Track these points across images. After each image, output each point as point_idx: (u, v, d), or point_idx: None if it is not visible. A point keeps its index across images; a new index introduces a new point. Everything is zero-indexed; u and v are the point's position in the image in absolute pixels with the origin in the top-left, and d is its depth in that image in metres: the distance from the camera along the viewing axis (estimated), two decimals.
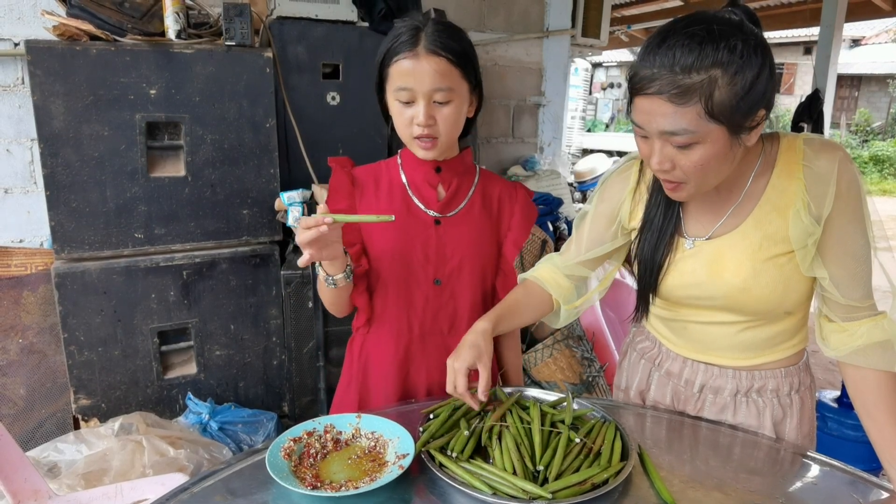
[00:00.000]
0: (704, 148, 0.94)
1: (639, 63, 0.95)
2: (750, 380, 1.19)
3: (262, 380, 2.38)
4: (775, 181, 1.07)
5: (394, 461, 0.99)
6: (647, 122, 0.96)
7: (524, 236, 1.33)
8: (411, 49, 1.12)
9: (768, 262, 1.07)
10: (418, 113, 1.13)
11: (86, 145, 2.00)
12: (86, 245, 2.06)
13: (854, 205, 1.03)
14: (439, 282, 1.28)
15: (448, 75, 1.13)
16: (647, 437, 1.15)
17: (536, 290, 1.30)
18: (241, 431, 2.21)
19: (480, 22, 3.70)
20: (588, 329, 2.89)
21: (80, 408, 2.11)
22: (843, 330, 1.10)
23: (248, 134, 2.19)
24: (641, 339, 1.35)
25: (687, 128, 0.92)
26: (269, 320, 2.33)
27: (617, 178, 1.26)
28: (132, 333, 2.16)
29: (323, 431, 1.07)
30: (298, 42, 2.36)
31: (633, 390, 1.35)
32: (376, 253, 1.28)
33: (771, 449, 1.13)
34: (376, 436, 1.06)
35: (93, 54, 1.95)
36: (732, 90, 0.90)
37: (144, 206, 2.11)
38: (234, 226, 2.23)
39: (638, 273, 1.22)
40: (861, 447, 2.04)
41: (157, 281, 2.16)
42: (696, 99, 0.90)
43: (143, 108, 2.05)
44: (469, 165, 1.33)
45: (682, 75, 0.90)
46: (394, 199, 1.27)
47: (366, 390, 1.33)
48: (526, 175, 3.88)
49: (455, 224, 1.28)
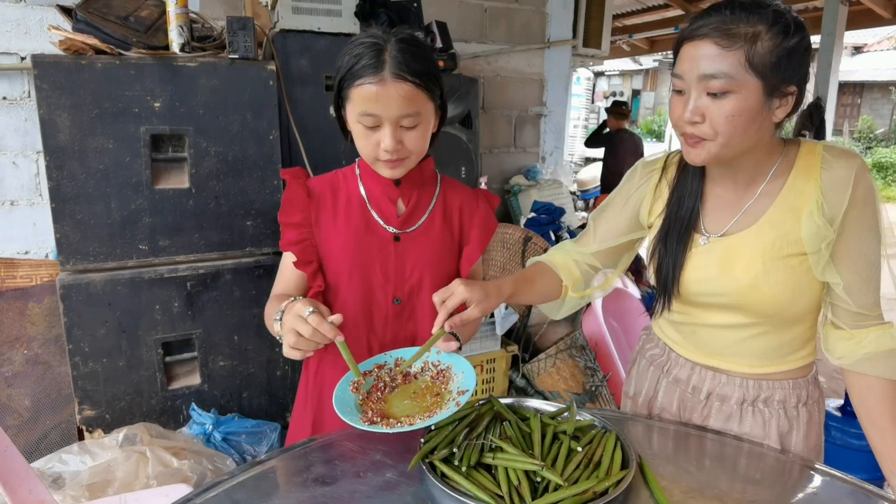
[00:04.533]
0: (738, 99, 1.00)
1: (692, 19, 1.04)
2: (757, 389, 1.19)
3: (265, 390, 2.39)
4: (792, 182, 1.09)
5: (452, 397, 1.01)
6: (688, 70, 1.03)
7: (478, 252, 1.27)
8: (375, 73, 1.06)
9: (780, 261, 1.09)
10: (384, 138, 1.09)
11: (91, 158, 2.01)
12: (90, 257, 2.07)
13: (869, 212, 1.05)
14: (399, 301, 1.23)
15: (415, 100, 1.09)
16: (650, 447, 1.15)
17: (549, 274, 1.32)
18: (245, 442, 2.21)
19: (482, 33, 3.72)
20: (591, 339, 2.89)
21: (85, 419, 2.12)
22: (851, 337, 1.10)
23: (251, 146, 2.20)
24: (651, 346, 1.37)
25: (727, 72, 0.99)
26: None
27: (641, 172, 1.30)
28: (136, 344, 2.17)
29: (394, 365, 1.08)
30: (301, 55, 2.38)
31: (641, 397, 1.36)
32: (334, 271, 1.22)
33: (775, 460, 1.12)
34: (443, 370, 1.08)
35: (98, 68, 1.97)
36: (774, 47, 0.98)
37: (149, 218, 2.12)
38: (237, 237, 2.24)
39: (657, 269, 1.24)
40: (864, 456, 2.02)
41: (161, 292, 2.17)
42: (740, 44, 0.98)
43: (148, 120, 2.06)
44: (429, 176, 1.28)
45: (730, 23, 0.99)
46: (352, 214, 1.23)
47: (320, 412, 1.29)
48: (528, 184, 3.90)
49: (415, 240, 1.24)
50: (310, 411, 1.30)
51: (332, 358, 1.25)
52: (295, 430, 1.34)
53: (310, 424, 1.29)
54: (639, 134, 9.46)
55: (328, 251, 1.22)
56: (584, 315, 3.03)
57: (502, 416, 1.08)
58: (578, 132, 13.54)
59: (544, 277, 1.32)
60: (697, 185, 1.19)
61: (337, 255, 1.22)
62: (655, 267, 1.24)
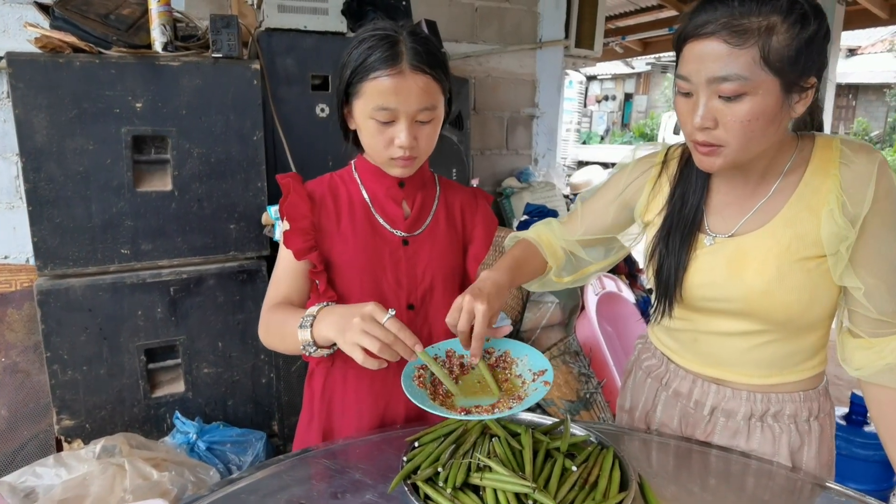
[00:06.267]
0: (754, 101, 0.90)
1: (693, 11, 0.93)
2: (765, 403, 1.11)
3: (250, 398, 2.33)
4: (809, 178, 1.01)
5: (532, 379, 0.98)
6: (695, 71, 0.92)
7: (485, 250, 1.25)
8: (393, 65, 1.02)
9: (796, 264, 1.01)
10: (400, 134, 1.05)
11: (70, 159, 1.95)
12: (70, 261, 2.01)
13: (891, 211, 0.97)
14: (412, 307, 1.19)
15: (432, 93, 1.06)
16: (651, 465, 1.09)
17: (534, 251, 1.25)
18: (230, 451, 2.15)
19: (473, 33, 3.67)
20: (585, 344, 2.84)
21: (63, 429, 2.05)
22: (871, 346, 1.02)
23: (235, 147, 2.15)
24: (647, 356, 1.28)
25: (740, 73, 0.88)
26: (257, 337, 2.24)
27: (637, 165, 1.21)
28: (118, 351, 2.11)
29: (445, 357, 1.04)
30: (287, 54, 2.33)
31: (638, 411, 1.27)
32: (344, 282, 1.16)
33: (785, 478, 1.05)
34: (500, 356, 1.04)
35: (77, 67, 1.91)
36: (790, 39, 0.88)
37: (131, 222, 2.06)
38: (221, 241, 2.18)
39: (657, 271, 1.15)
40: (871, 466, 1.97)
41: (143, 297, 2.11)
42: (753, 41, 0.87)
43: (129, 121, 2.01)
44: (428, 177, 1.25)
45: (740, 17, 0.88)
46: (356, 219, 1.17)
47: (329, 427, 1.24)
48: (521, 187, 3.85)
49: (423, 243, 1.19)
50: (317, 427, 1.24)
51: (342, 372, 1.21)
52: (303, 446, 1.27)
53: (319, 439, 1.24)
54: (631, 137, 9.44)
55: (335, 260, 1.16)
56: (577, 319, 2.98)
57: (491, 432, 1.02)
58: (571, 136, 13.53)
59: (534, 260, 1.25)
60: (703, 181, 1.11)
61: (346, 264, 1.16)
62: (655, 269, 1.16)
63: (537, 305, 2.84)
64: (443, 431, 1.02)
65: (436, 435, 1.01)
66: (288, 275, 1.17)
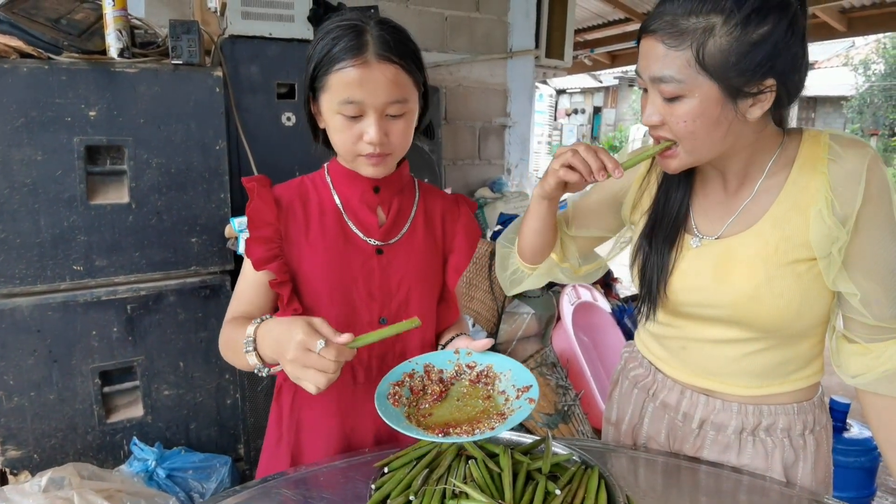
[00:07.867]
0: (691, 104, 0.87)
1: (656, 5, 0.90)
2: (757, 416, 1.05)
3: (215, 421, 2.21)
4: (796, 176, 0.96)
5: (516, 395, 0.91)
6: (643, 68, 0.91)
7: (466, 261, 1.18)
8: (358, 55, 0.96)
9: (785, 267, 0.95)
10: (369, 129, 0.98)
11: (16, 171, 1.84)
12: (16, 279, 1.89)
13: (886, 209, 0.92)
14: (384, 320, 1.11)
15: (402, 85, 0.99)
16: (638, 484, 1.03)
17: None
18: (192, 478, 2.03)
19: (443, 42, 3.64)
20: (562, 355, 2.79)
21: (9, 460, 1.92)
22: (867, 352, 0.97)
23: (196, 157, 2.05)
24: (634, 365, 1.22)
25: (674, 75, 0.86)
26: (221, 356, 2.16)
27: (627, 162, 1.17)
28: (70, 375, 1.98)
29: (423, 372, 0.97)
30: (252, 62, 2.25)
31: (624, 424, 1.21)
32: (311, 292, 1.08)
33: (780, 494, 1.00)
34: (481, 371, 0.98)
35: (23, 73, 1.81)
36: (730, 43, 0.84)
37: (84, 236, 1.95)
38: (181, 255, 2.08)
39: (641, 269, 1.10)
40: (853, 473, 1.95)
41: (98, 316, 1.99)
42: (687, 44, 0.85)
43: (82, 130, 1.90)
44: (407, 181, 1.18)
45: (680, 17, 0.85)
46: (326, 227, 1.09)
47: (299, 447, 1.15)
48: (494, 197, 3.80)
49: (398, 252, 1.12)
50: (285, 448, 1.16)
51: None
52: (268, 469, 1.18)
53: (287, 462, 1.15)
54: None
55: (303, 270, 1.08)
56: (553, 330, 2.92)
57: (468, 453, 0.95)
58: (543, 148, 13.63)
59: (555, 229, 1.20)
60: (685, 178, 1.07)
61: (314, 275, 1.08)
62: (640, 267, 1.10)
63: (513, 317, 2.78)
64: (415, 455, 0.94)
65: (407, 459, 0.93)
66: (250, 287, 1.10)
